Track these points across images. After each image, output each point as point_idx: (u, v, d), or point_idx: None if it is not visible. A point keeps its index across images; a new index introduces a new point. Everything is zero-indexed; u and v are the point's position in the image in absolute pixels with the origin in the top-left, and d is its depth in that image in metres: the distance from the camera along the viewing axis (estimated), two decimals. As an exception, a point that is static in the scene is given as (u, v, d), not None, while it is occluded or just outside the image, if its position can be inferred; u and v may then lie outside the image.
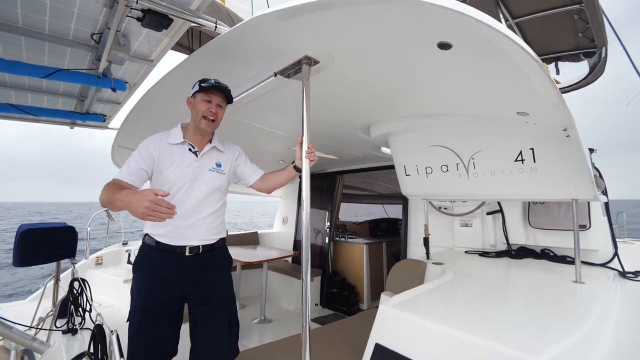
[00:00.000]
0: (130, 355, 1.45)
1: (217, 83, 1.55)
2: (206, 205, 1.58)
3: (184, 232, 1.53)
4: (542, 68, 1.05)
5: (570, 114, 1.33)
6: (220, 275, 1.62)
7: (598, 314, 1.34)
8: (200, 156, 1.60)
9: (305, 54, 1.41)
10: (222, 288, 1.60)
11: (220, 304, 1.57)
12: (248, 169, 1.75)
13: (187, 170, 1.56)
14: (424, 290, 1.63)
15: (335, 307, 4.21)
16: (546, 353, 0.98)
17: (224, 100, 1.62)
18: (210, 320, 1.54)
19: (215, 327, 1.53)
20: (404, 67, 1.43)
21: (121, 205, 1.23)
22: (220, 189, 1.64)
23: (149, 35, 1.70)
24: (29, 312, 2.84)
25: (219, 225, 1.64)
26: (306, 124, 1.47)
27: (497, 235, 2.81)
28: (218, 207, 1.63)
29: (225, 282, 1.63)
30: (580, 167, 1.65)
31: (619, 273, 2.11)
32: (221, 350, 1.52)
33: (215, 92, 1.57)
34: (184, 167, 1.56)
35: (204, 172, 1.59)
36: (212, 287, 1.57)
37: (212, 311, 1.55)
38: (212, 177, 1.60)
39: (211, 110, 1.56)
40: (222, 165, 1.65)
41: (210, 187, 1.60)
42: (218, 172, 1.63)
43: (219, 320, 1.54)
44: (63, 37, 1.62)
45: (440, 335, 1.16)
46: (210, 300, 1.55)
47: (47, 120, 2.96)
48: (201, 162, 1.60)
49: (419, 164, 2.31)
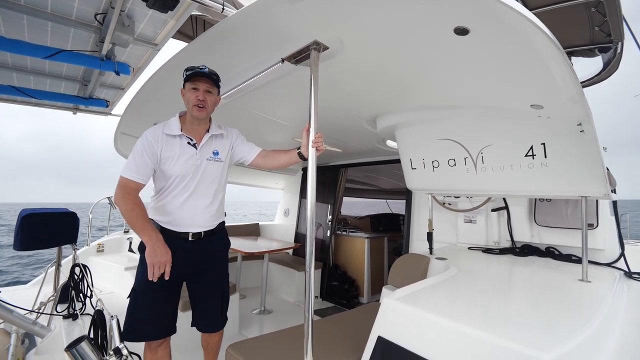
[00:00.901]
0: (127, 329, 1.59)
1: (202, 69, 1.55)
2: (206, 195, 1.66)
3: (186, 221, 1.63)
4: (564, 56, 1.01)
5: (588, 107, 1.29)
6: (217, 258, 1.76)
7: (606, 313, 1.31)
8: (200, 148, 1.64)
9: (315, 39, 1.37)
10: (218, 269, 1.76)
11: (216, 283, 1.75)
12: (245, 148, 1.80)
13: (189, 164, 1.61)
14: (428, 285, 1.61)
15: (335, 300, 4.22)
16: (555, 350, 0.95)
17: (212, 85, 1.62)
18: (207, 297, 1.74)
19: (211, 303, 1.74)
20: (416, 54, 1.38)
21: (144, 239, 1.48)
22: (219, 177, 1.71)
23: (154, 17, 1.65)
24: (31, 297, 2.85)
25: (217, 210, 1.73)
26: (314, 112, 1.43)
27: (502, 232, 2.78)
28: (217, 195, 1.71)
29: (222, 264, 1.78)
30: (594, 163, 1.61)
31: (625, 273, 2.08)
32: (215, 321, 1.76)
33: (201, 78, 1.57)
34: (185, 160, 1.60)
35: (204, 163, 1.65)
36: (210, 268, 1.72)
37: (209, 288, 1.74)
38: (211, 167, 1.67)
39: (199, 97, 1.57)
40: (219, 152, 1.70)
41: (211, 177, 1.67)
42: (216, 161, 1.69)
43: (214, 296, 1.75)
44: (66, 17, 1.58)
45: (445, 330, 1.14)
46: (209, 278, 1.72)
47: (50, 105, 2.93)
48: (201, 154, 1.64)
49: (425, 157, 2.27)
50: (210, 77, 1.58)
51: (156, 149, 1.56)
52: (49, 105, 2.97)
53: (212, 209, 1.68)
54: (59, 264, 2.79)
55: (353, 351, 1.65)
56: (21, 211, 2.53)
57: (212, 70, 1.59)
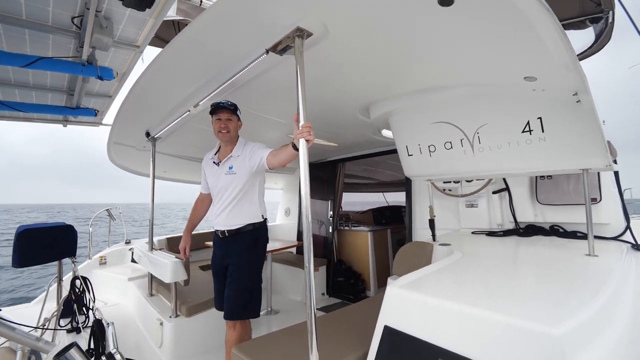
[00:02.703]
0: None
1: (221, 103, 2.02)
2: (223, 201, 2.08)
3: (216, 220, 2.12)
4: (554, 18, 0.97)
5: (583, 73, 1.25)
6: (239, 254, 2.03)
7: (615, 285, 1.28)
8: (220, 165, 2.13)
9: (297, 26, 1.33)
10: (239, 263, 2.02)
11: (235, 275, 2.01)
12: (257, 154, 2.01)
13: (213, 178, 2.16)
14: (432, 271, 1.57)
15: (342, 296, 4.18)
16: (566, 324, 0.92)
17: (232, 114, 2.07)
18: (229, 285, 2.03)
19: (229, 292, 2.03)
20: (403, 33, 1.34)
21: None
22: (234, 186, 2.05)
23: (132, 17, 1.61)
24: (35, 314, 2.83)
25: (236, 214, 2.06)
26: (301, 101, 1.39)
27: (504, 214, 2.74)
28: (236, 201, 2.05)
29: (243, 260, 2.03)
30: (593, 133, 1.56)
31: (632, 246, 2.04)
32: (228, 310, 2.00)
33: (221, 110, 2.03)
34: (211, 175, 2.18)
35: (222, 176, 2.10)
36: (232, 262, 2.04)
37: (231, 279, 2.03)
38: (227, 178, 2.08)
39: (222, 125, 2.05)
40: (233, 167, 2.08)
41: (226, 187, 2.07)
42: (231, 174, 2.07)
43: (231, 287, 2.01)
44: (42, 23, 1.54)
45: (452, 313, 1.10)
46: (231, 271, 2.04)
47: (40, 119, 2.90)
48: (221, 169, 2.12)
49: (421, 142, 2.23)
50: (229, 107, 2.02)
51: (205, 169, 2.27)
52: (39, 119, 2.94)
53: (229, 212, 2.06)
54: (60, 278, 2.77)
55: (360, 344, 1.61)
56: (18, 227, 2.50)
57: (230, 102, 2.04)
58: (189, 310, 2.65)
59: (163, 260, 2.66)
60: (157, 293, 3.25)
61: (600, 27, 2.36)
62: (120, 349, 1.69)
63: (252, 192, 2.11)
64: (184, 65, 1.79)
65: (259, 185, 2.15)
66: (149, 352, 2.64)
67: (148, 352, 2.65)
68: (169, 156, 3.74)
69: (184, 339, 2.60)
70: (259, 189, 2.15)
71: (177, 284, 2.65)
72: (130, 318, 3.40)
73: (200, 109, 2.24)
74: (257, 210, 2.12)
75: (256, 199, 2.13)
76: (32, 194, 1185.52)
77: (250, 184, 2.09)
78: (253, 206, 2.10)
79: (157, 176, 3.87)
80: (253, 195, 2.11)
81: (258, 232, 2.10)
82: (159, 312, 2.76)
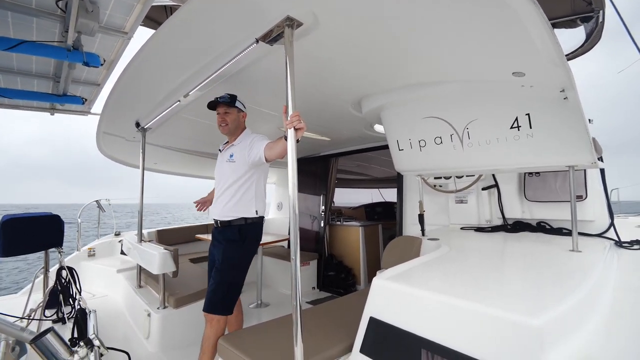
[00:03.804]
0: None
1: (219, 99, 2.05)
2: (221, 191, 2.09)
3: (213, 207, 2.15)
4: (541, 14, 0.97)
5: (569, 70, 1.26)
6: (224, 247, 2.02)
7: (596, 279, 1.30)
8: (222, 153, 2.19)
9: (287, 15, 1.32)
10: (223, 256, 2.01)
11: (218, 268, 2.00)
12: (256, 145, 1.98)
13: (217, 165, 2.21)
14: (419, 263, 1.59)
15: (333, 290, 4.21)
16: (545, 315, 0.94)
17: (228, 106, 2.09)
18: (212, 277, 2.03)
19: (210, 283, 2.04)
20: (392, 26, 1.34)
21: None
22: (232, 175, 2.05)
23: (119, 2, 1.58)
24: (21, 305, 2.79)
25: (229, 205, 2.03)
26: (290, 92, 1.38)
27: (493, 211, 2.77)
28: (230, 192, 2.04)
29: (226, 253, 2.00)
30: (579, 130, 1.59)
31: (615, 243, 2.09)
32: (205, 299, 1.98)
33: (218, 105, 2.08)
34: (217, 162, 2.23)
35: (222, 164, 2.14)
36: (218, 254, 2.04)
37: (215, 270, 2.02)
38: (226, 166, 2.10)
39: (219, 119, 2.11)
40: (233, 155, 2.08)
41: (225, 175, 2.08)
42: (230, 162, 2.08)
43: (213, 279, 2.00)
44: (26, 5, 1.50)
45: (436, 305, 1.12)
46: (217, 262, 2.04)
47: (25, 106, 2.83)
48: (222, 157, 2.18)
49: (412, 137, 2.24)
50: (225, 101, 2.05)
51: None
52: (25, 107, 2.87)
53: (223, 202, 2.05)
54: (47, 269, 2.73)
55: (347, 335, 1.62)
56: (3, 216, 2.45)
57: (226, 96, 2.06)
58: (177, 301, 2.64)
59: (152, 251, 2.64)
60: (146, 285, 3.24)
61: (591, 27, 2.38)
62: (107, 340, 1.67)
63: (250, 185, 2.06)
64: (173, 54, 1.75)
65: (258, 181, 2.09)
66: (136, 343, 2.63)
67: (135, 343, 2.63)
68: (159, 147, 3.70)
69: (171, 331, 2.59)
70: (257, 184, 2.09)
71: (165, 275, 2.63)
72: (118, 310, 3.38)
73: (190, 99, 2.21)
74: (252, 206, 2.06)
75: (253, 193, 2.07)
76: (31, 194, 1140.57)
77: (248, 176, 2.05)
78: (248, 200, 2.05)
79: (147, 168, 3.82)
80: (250, 188, 2.06)
81: (249, 228, 2.05)
82: (147, 304, 2.74)
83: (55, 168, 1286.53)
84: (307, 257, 4.33)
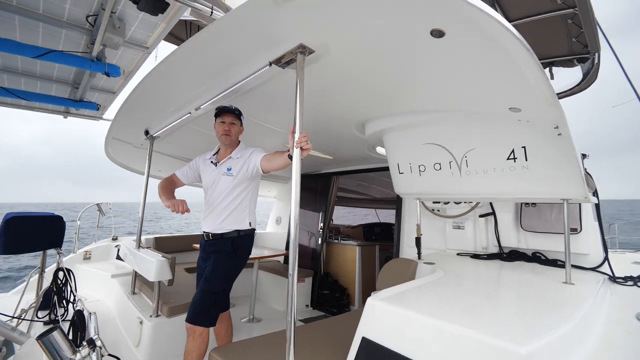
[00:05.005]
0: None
1: (227, 106, 2.07)
2: (217, 204, 2.07)
3: (205, 220, 2.11)
4: (533, 56, 1.06)
5: (561, 109, 1.34)
6: (214, 258, 2.02)
7: (587, 311, 1.33)
8: (218, 166, 2.14)
9: (300, 42, 1.41)
10: (212, 268, 1.99)
11: (205, 279, 1.99)
12: (254, 157, 2.05)
13: (210, 177, 2.15)
14: (413, 286, 1.61)
15: (326, 309, 4.16)
16: (532, 344, 0.96)
17: (236, 118, 2.12)
18: (199, 287, 2.01)
19: (197, 293, 2.00)
20: (398, 58, 1.43)
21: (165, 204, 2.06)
22: (230, 189, 2.06)
23: (144, 20, 1.69)
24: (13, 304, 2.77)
25: (226, 216, 2.05)
26: (299, 114, 1.46)
27: (489, 238, 2.80)
28: (227, 205, 2.05)
29: (216, 265, 2.00)
30: (571, 165, 1.65)
31: (609, 277, 2.11)
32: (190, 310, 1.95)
33: (225, 113, 2.08)
34: (209, 174, 2.17)
35: (220, 176, 2.11)
36: (209, 264, 2.02)
37: (203, 280, 2.01)
38: (223, 179, 2.09)
39: (225, 128, 2.09)
40: (232, 169, 2.09)
41: (222, 188, 2.08)
42: (228, 175, 2.09)
43: (201, 287, 1.99)
44: (58, 18, 1.61)
45: (427, 328, 1.14)
46: (206, 272, 2.02)
47: (41, 108, 2.93)
48: (219, 170, 2.13)
49: (412, 162, 2.31)
50: (234, 112, 2.08)
51: (198, 164, 2.27)
52: (40, 109, 2.97)
53: (218, 215, 2.05)
54: (43, 269, 2.73)
55: (338, 355, 1.63)
56: (6, 214, 2.49)
57: (235, 107, 2.09)
58: (170, 310, 2.63)
59: (149, 258, 2.65)
60: (140, 292, 3.22)
61: (587, 67, 2.50)
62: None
63: (245, 197, 2.11)
64: (190, 70, 1.85)
65: (251, 192, 2.15)
66: (125, 351, 2.60)
67: (124, 351, 2.60)
68: (165, 156, 3.77)
69: (163, 340, 2.56)
70: (251, 196, 2.14)
71: (160, 283, 2.63)
72: (109, 315, 3.34)
73: (201, 112, 2.30)
74: (246, 217, 2.10)
75: (247, 205, 2.12)
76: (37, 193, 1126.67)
77: (243, 188, 2.09)
78: (242, 212, 2.09)
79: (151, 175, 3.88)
80: (245, 200, 2.10)
81: (241, 240, 2.08)
82: (140, 311, 2.73)
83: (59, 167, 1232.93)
84: (302, 273, 4.30)
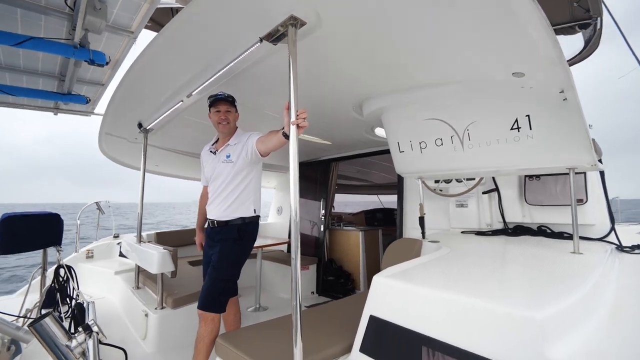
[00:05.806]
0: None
1: (219, 95, 2.05)
2: (219, 192, 2.08)
3: (209, 208, 2.13)
4: (542, 15, 0.99)
5: (568, 70, 1.28)
6: (220, 245, 2.02)
7: (598, 279, 1.30)
8: (217, 154, 2.14)
9: (291, 14, 1.34)
10: (219, 255, 2.01)
11: (214, 266, 2.01)
12: (249, 146, 2.02)
13: (210, 166, 2.17)
14: (419, 263, 1.58)
15: (332, 295, 4.17)
16: (547, 309, 0.93)
17: (230, 105, 2.11)
18: (208, 275, 2.02)
19: (206, 280, 2.03)
20: (394, 27, 1.36)
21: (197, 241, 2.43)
22: (231, 176, 2.05)
23: (127, 1, 1.61)
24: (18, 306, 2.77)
25: (230, 204, 2.04)
26: (293, 90, 1.39)
27: (493, 215, 2.77)
28: (229, 192, 2.05)
29: (223, 251, 2.01)
30: (579, 131, 1.60)
31: (616, 247, 2.08)
32: (201, 297, 1.98)
33: (220, 102, 2.07)
34: (209, 163, 2.20)
35: (218, 164, 2.11)
36: (215, 253, 2.04)
37: (211, 268, 2.02)
38: (222, 167, 2.09)
39: (221, 117, 2.08)
40: (230, 155, 2.08)
41: (221, 174, 2.08)
42: (228, 162, 2.08)
43: (210, 276, 2.00)
44: (35, 3, 1.53)
45: (437, 302, 1.11)
46: (213, 260, 2.03)
47: (30, 104, 2.86)
48: (218, 158, 2.13)
49: (412, 139, 2.26)
50: (227, 99, 2.07)
51: (202, 159, 2.28)
52: (29, 106, 2.90)
53: (222, 203, 2.05)
54: (44, 268, 2.72)
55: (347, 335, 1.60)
56: (2, 214, 2.45)
57: (229, 94, 2.08)
58: (175, 302, 2.62)
59: (150, 251, 2.63)
60: (144, 285, 3.21)
61: (589, 34, 2.42)
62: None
63: (247, 184, 2.09)
64: (177, 53, 1.78)
65: (254, 179, 2.13)
66: (132, 344, 2.60)
67: (132, 344, 2.60)
68: (161, 149, 3.71)
69: (169, 331, 2.56)
70: (254, 182, 2.13)
71: (163, 275, 2.62)
72: (115, 311, 3.35)
73: (193, 100, 2.24)
74: (250, 204, 2.09)
75: (250, 192, 2.10)
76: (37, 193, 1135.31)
77: (245, 174, 2.07)
78: (246, 199, 2.08)
79: (148, 170, 3.83)
80: (248, 187, 2.09)
81: (247, 227, 2.07)
82: (145, 304, 2.72)
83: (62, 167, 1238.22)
84: (306, 261, 4.30)
